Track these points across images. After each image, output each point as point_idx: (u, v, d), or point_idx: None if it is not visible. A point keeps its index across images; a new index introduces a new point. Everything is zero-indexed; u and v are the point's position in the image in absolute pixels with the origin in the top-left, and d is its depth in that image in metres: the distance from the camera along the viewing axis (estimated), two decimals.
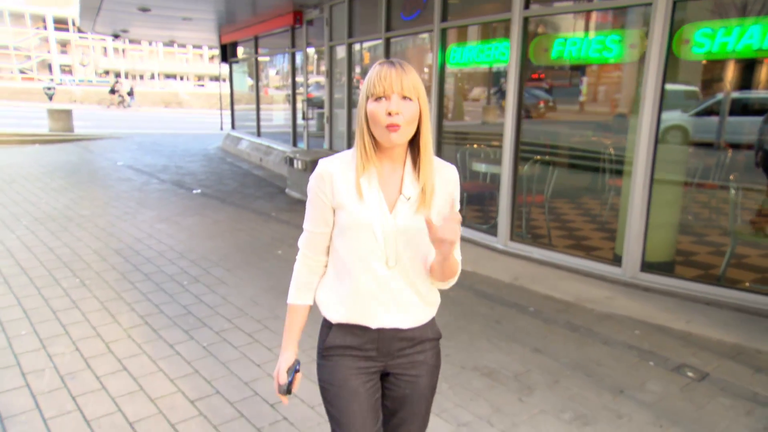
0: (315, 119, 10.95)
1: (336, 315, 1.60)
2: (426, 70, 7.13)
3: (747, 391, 3.20)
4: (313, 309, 1.69)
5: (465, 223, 5.92)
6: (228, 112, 16.42)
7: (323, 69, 9.93)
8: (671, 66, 4.45)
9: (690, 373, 3.42)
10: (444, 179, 1.59)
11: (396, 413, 1.69)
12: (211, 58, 65.41)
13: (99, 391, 3.06)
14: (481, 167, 6.29)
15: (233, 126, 15.66)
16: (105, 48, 72.80)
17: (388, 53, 7.74)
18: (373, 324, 1.57)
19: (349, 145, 6.10)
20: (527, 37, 5.42)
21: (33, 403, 2.92)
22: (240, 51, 15.06)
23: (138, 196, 8.30)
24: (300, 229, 1.66)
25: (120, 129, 19.03)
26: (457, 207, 1.60)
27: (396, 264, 1.55)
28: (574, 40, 5.14)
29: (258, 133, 13.28)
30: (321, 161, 1.59)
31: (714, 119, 5.40)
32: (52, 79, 55.48)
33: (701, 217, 5.67)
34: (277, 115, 12.84)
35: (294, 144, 11.27)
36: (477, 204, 6.69)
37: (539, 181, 5.80)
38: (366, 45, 8.73)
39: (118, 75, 66.82)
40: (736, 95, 5.30)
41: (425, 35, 7.22)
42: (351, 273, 1.56)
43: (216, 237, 6.23)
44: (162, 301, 4.33)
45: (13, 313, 4.00)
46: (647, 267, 4.78)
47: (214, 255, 5.53)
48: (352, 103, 8.91)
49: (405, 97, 1.45)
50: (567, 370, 3.47)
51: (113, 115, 27.21)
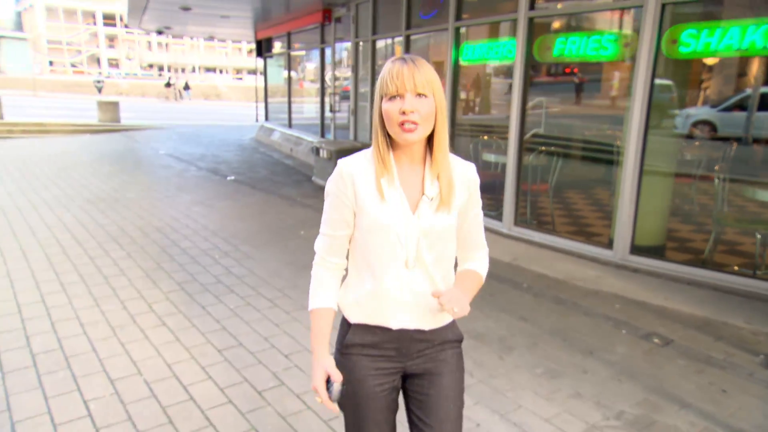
0: (346, 112, 11.42)
1: (356, 315, 1.57)
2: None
3: (704, 355, 3.54)
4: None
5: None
6: (263, 104, 17.05)
7: (350, 64, 10.39)
8: (660, 63, 4.76)
9: (656, 340, 3.77)
10: (464, 177, 1.55)
11: (424, 420, 1.59)
12: (250, 51, 66.50)
13: (143, 340, 3.60)
14: (491, 157, 6.65)
15: (267, 118, 16.27)
16: (149, 42, 74.55)
17: (408, 50, 8.14)
18: (394, 325, 1.54)
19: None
20: (532, 36, 5.76)
21: (90, 347, 3.47)
22: (275, 46, 15.62)
23: (177, 181, 8.94)
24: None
25: (162, 120, 19.90)
26: (479, 205, 1.61)
27: (418, 265, 1.51)
28: (573, 39, 5.46)
29: (289, 125, 13.84)
30: (340, 162, 1.54)
31: (742, 114, 5.46)
32: (100, 73, 57.43)
33: (692, 206, 5.90)
34: (308, 108, 13.36)
35: (322, 135, 11.77)
36: (488, 192, 7.07)
37: (544, 171, 6.14)
38: (388, 42, 9.13)
39: (170, 69, 68.57)
40: (765, 90, 5.43)
41: (441, 33, 7.58)
42: (373, 274, 1.52)
43: (245, 218, 6.77)
44: (196, 271, 4.87)
45: (71, 278, 4.60)
46: (637, 250, 5.09)
47: (243, 234, 6.06)
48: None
49: (419, 94, 1.41)
50: (546, 335, 3.86)
51: (157, 107, 28.26)
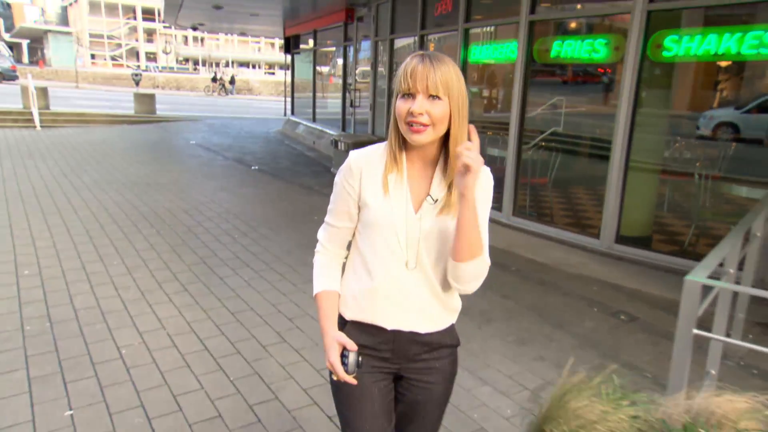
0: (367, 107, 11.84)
1: (351, 312, 1.54)
2: None
3: (663, 331, 3.89)
4: None
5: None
6: (297, 98, 17.58)
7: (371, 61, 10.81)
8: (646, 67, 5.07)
9: (623, 317, 4.13)
10: (479, 182, 1.43)
11: (407, 419, 1.62)
12: (282, 47, 67.57)
13: (167, 303, 4.11)
14: (495, 152, 7.01)
15: (293, 112, 16.82)
16: (186, 37, 76.03)
17: (421, 49, 8.51)
18: (389, 325, 1.51)
19: None
20: (532, 39, 6.10)
21: (123, 306, 3.99)
22: (302, 43, 16.12)
23: (205, 169, 9.52)
24: None
25: (195, 112, 20.64)
26: (487, 209, 1.51)
27: (416, 266, 1.47)
28: (569, 41, 5.79)
29: (313, 119, 14.35)
30: (352, 153, 1.52)
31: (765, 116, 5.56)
32: (138, 66, 58.98)
33: (679, 200, 6.13)
34: (331, 103, 13.84)
35: (343, 129, 12.24)
36: (494, 185, 7.42)
37: (543, 165, 6.48)
38: (408, 41, 9.52)
39: (205, 63, 69.81)
40: None
41: (453, 33, 7.95)
42: (370, 272, 1.49)
43: (265, 204, 7.28)
44: (216, 248, 5.38)
45: (107, 250, 5.15)
46: (622, 240, 5.42)
47: (261, 217, 6.57)
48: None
49: (432, 96, 1.35)
50: (524, 310, 4.25)
51: (191, 100, 29.13)
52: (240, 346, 3.52)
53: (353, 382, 1.46)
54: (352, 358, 1.45)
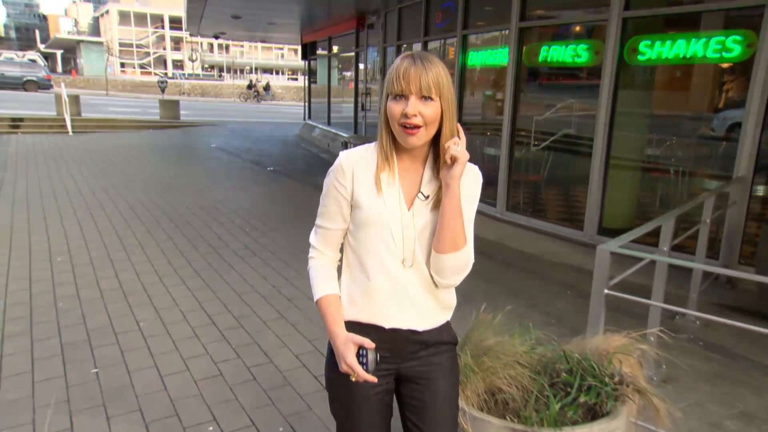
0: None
1: (348, 313, 1.52)
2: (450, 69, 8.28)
3: (626, 310, 4.22)
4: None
5: None
6: (314, 103, 18.13)
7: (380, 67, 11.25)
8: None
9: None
10: (466, 180, 1.47)
11: (419, 426, 1.56)
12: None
13: (181, 285, 4.58)
14: (491, 151, 7.38)
15: (309, 116, 17.36)
16: (211, 45, 77.54)
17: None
18: (387, 324, 1.50)
19: None
20: (522, 44, 6.47)
21: (142, 288, 4.48)
22: (323, 49, 16.65)
23: (224, 170, 10.06)
24: None
25: (217, 117, 21.35)
26: (474, 207, 1.53)
27: (412, 264, 1.47)
28: (555, 46, 6.13)
29: (328, 122, 14.85)
30: (342, 153, 1.52)
31: None
32: (165, 73, 60.45)
33: (659, 195, 6.39)
34: (345, 107, 14.33)
35: (355, 131, 12.70)
36: (488, 182, 7.78)
37: (535, 163, 6.83)
38: (414, 46, 9.93)
39: (229, 70, 71.11)
40: None
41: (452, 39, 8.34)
42: (365, 271, 1.49)
43: (277, 202, 7.76)
44: (228, 240, 5.86)
45: (130, 241, 5.67)
46: (604, 231, 5.73)
47: (272, 213, 7.04)
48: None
49: (424, 97, 1.36)
50: (502, 293, 4.63)
51: (214, 105, 29.96)
52: (243, 321, 3.97)
53: (374, 379, 1.43)
54: (371, 356, 1.42)
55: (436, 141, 1.45)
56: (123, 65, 73.41)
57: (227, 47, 77.80)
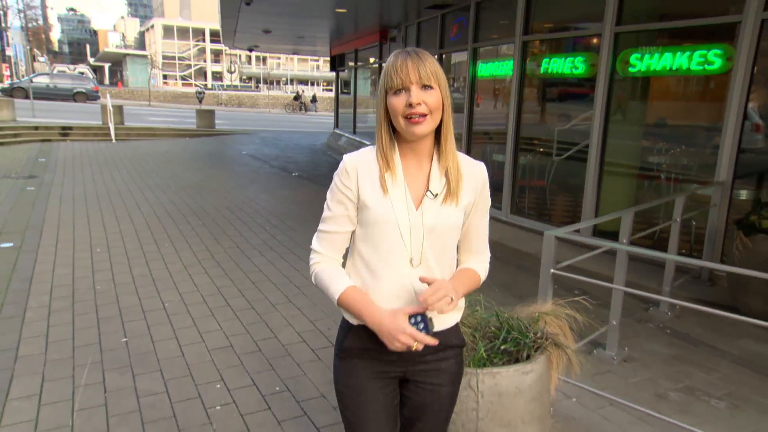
0: None
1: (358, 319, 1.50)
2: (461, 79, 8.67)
3: (604, 302, 4.53)
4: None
5: None
6: (341, 113, 18.73)
7: None
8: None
9: (576, 292, 4.79)
10: (472, 176, 1.50)
11: (414, 423, 1.59)
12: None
13: (203, 274, 5.09)
14: (499, 157, 7.73)
15: (337, 125, 17.94)
16: (249, 57, 79.45)
17: (441, 66, 9.34)
18: None
19: None
20: (525, 56, 6.83)
21: (169, 275, 5.01)
22: (350, 61, 17.25)
23: (251, 175, 10.66)
24: None
25: (250, 126, 22.18)
26: (488, 204, 1.56)
27: (420, 263, 1.45)
28: (555, 59, 6.48)
29: (354, 131, 15.39)
30: (345, 156, 1.49)
31: None
32: (205, 85, 62.38)
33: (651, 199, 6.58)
34: (371, 116, 14.83)
35: None
36: (495, 188, 8.14)
37: (538, 169, 7.15)
38: None
39: (266, 81, 72.80)
40: None
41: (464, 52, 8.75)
42: (374, 273, 1.47)
43: (298, 203, 8.27)
44: (249, 236, 6.38)
45: (161, 236, 6.23)
46: (598, 233, 6.03)
47: (292, 213, 7.54)
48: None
49: (425, 86, 1.36)
50: (494, 285, 4.95)
51: (249, 115, 30.95)
52: (255, 304, 4.45)
53: (434, 342, 1.39)
54: (428, 317, 1.39)
55: (437, 135, 1.45)
56: (165, 77, 76.01)
57: (264, 59, 79.65)
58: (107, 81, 74.28)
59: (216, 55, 78.99)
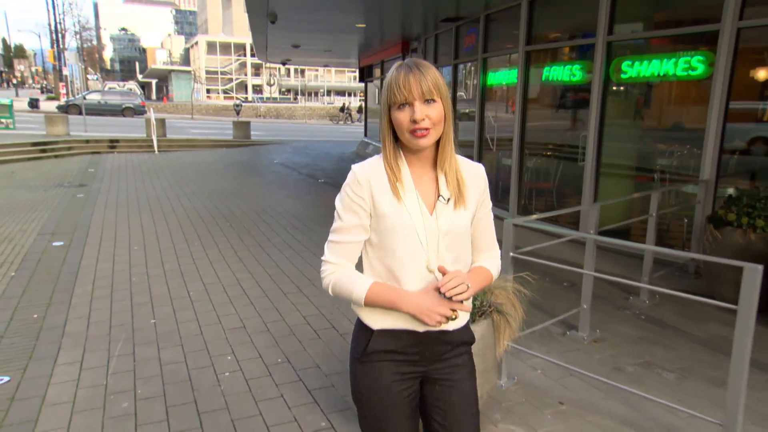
0: None
1: (381, 322, 1.53)
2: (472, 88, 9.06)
3: (596, 296, 4.84)
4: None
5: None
6: (369, 122, 19.33)
7: None
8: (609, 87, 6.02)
9: (565, 284, 5.12)
10: (473, 177, 1.55)
11: (447, 427, 1.59)
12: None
13: (226, 268, 5.64)
14: (508, 162, 8.07)
15: (366, 134, 18.50)
16: (288, 69, 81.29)
17: (456, 74, 9.76)
18: (420, 327, 1.51)
19: None
20: (529, 65, 7.18)
21: (196, 269, 5.57)
22: (377, 71, 17.82)
23: (280, 182, 11.28)
24: None
25: (284, 136, 23.00)
26: (489, 205, 1.61)
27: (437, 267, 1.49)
28: (555, 67, 6.81)
29: (380, 140, 15.86)
30: (354, 167, 1.53)
31: None
32: (246, 98, 64.21)
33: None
34: None
35: None
36: (504, 190, 8.46)
37: (541, 171, 7.47)
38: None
39: (303, 93, 74.38)
40: None
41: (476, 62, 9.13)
42: (396, 278, 1.50)
43: (321, 207, 8.79)
44: (271, 236, 6.92)
45: (192, 236, 6.84)
46: (599, 231, 6.29)
47: (314, 216, 8.07)
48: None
49: (427, 100, 1.40)
50: None
51: (286, 126, 31.92)
52: (268, 293, 4.95)
53: (468, 308, 1.49)
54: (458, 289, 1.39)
55: (439, 142, 1.49)
56: (209, 91, 78.64)
57: (303, 71, 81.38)
58: (154, 96, 77.26)
59: (256, 69, 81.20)
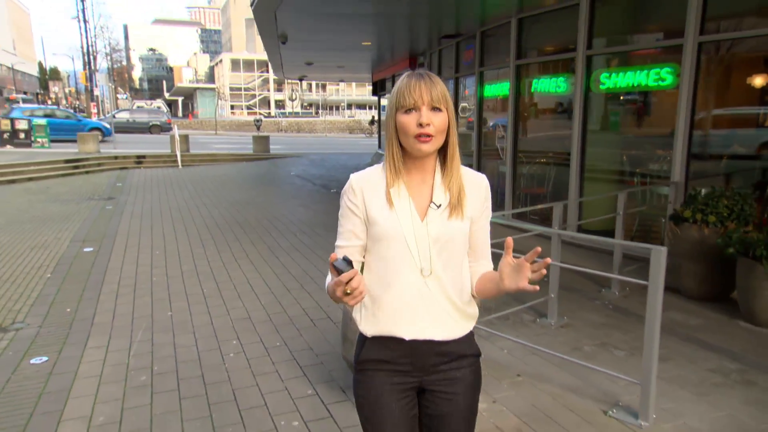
0: None
1: (370, 328, 1.56)
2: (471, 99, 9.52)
3: (566, 285, 5.23)
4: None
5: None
6: (383, 135, 19.86)
7: None
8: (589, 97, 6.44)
9: (545, 279, 5.51)
10: (475, 187, 1.56)
11: None
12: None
13: (238, 269, 6.17)
14: (503, 168, 8.49)
15: (380, 146, 19.05)
16: (310, 84, 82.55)
17: (457, 87, 10.24)
18: (406, 335, 1.53)
19: None
20: (520, 78, 7.63)
21: (210, 270, 6.12)
22: (388, 85, 18.40)
23: (294, 192, 11.86)
24: None
25: (302, 150, 23.71)
26: (489, 216, 1.62)
27: (430, 273, 1.50)
28: (542, 79, 7.25)
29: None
30: (352, 176, 1.58)
31: None
32: (267, 113, 65.47)
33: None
34: None
35: None
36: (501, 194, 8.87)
37: (533, 177, 7.88)
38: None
39: (327, 107, 75.49)
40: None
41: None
42: (385, 284, 1.52)
43: (330, 215, 9.32)
44: (281, 241, 7.45)
45: (208, 241, 7.41)
46: (582, 231, 6.68)
47: (322, 223, 8.59)
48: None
49: (434, 108, 1.44)
50: None
51: (306, 140, 32.69)
52: (274, 289, 5.46)
53: (354, 271, 1.34)
54: (338, 262, 1.36)
55: (441, 153, 1.52)
56: (233, 107, 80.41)
57: (324, 86, 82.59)
58: (180, 113, 79.30)
59: (279, 85, 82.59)
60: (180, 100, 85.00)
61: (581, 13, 6.26)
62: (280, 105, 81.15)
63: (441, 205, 1.51)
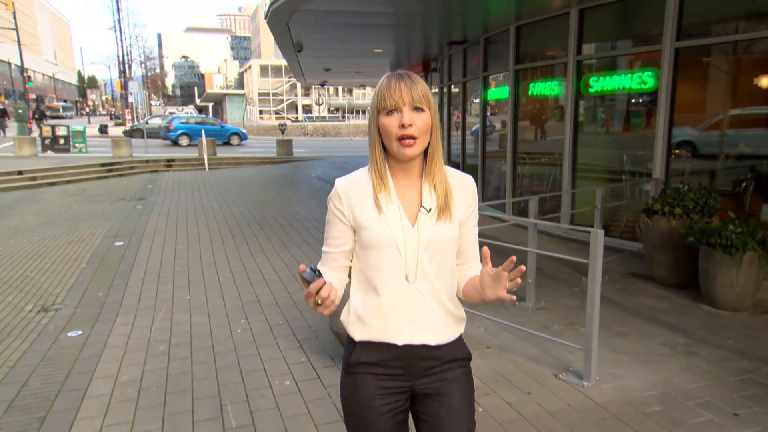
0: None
1: (361, 333, 1.53)
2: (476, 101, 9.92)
3: (552, 275, 5.62)
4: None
5: (490, 205, 8.61)
6: None
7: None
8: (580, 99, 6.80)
9: (542, 269, 5.90)
10: (462, 189, 1.53)
11: None
12: None
13: (252, 261, 6.72)
14: (504, 168, 8.88)
15: None
16: (336, 89, 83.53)
17: (465, 92, 10.66)
18: (399, 341, 1.50)
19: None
20: (518, 83, 8.02)
21: (227, 263, 6.69)
22: None
23: (312, 192, 12.42)
24: None
25: (325, 153, 24.33)
26: (476, 217, 1.59)
27: (421, 278, 1.48)
28: (538, 83, 7.63)
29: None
30: (337, 181, 1.54)
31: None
32: (295, 117, 66.49)
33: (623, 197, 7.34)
34: None
35: None
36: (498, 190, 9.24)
37: (532, 175, 8.24)
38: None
39: (352, 111, 76.18)
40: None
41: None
42: (376, 289, 1.49)
43: None
44: (294, 235, 7.99)
45: (227, 236, 8.00)
46: (576, 223, 7.03)
47: None
48: (443, 128, 11.92)
49: (416, 108, 1.40)
50: None
51: (330, 144, 33.39)
52: (282, 277, 5.98)
53: (322, 281, 1.32)
54: (306, 273, 1.34)
55: (426, 154, 1.48)
56: (261, 112, 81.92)
57: (350, 90, 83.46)
58: None
59: (306, 90, 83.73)
60: (210, 105, 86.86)
61: (571, 21, 6.64)
62: (307, 109, 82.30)
63: (431, 210, 1.48)
